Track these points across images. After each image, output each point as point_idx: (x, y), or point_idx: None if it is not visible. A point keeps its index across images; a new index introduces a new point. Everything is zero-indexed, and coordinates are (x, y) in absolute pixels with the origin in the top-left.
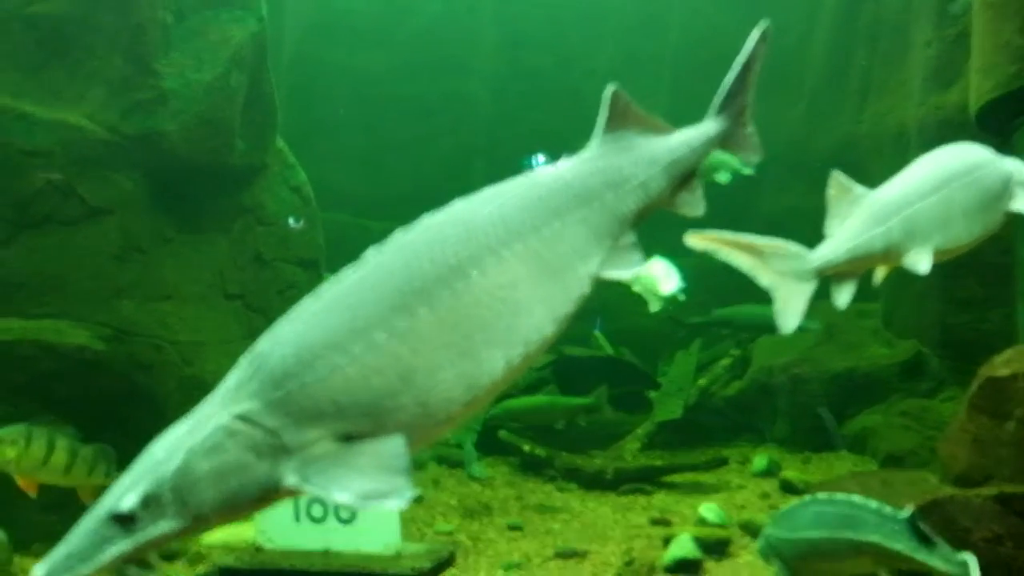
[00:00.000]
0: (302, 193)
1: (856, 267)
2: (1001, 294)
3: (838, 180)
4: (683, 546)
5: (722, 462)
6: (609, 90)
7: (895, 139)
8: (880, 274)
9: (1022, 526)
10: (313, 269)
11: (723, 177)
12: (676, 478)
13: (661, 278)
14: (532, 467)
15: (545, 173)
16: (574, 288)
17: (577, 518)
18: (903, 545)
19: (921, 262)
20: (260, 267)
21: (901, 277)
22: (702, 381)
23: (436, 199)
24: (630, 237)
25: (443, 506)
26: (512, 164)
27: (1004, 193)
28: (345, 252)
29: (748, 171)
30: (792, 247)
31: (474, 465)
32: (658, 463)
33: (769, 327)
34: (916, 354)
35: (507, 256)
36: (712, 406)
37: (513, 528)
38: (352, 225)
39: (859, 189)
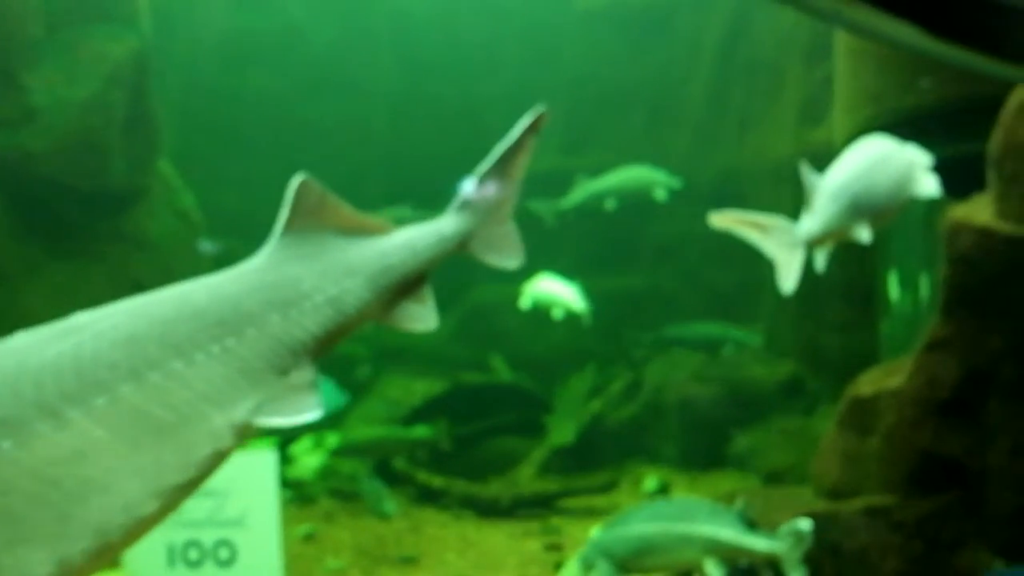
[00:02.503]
0: (188, 218)
1: (829, 237)
2: (866, 317)
3: (805, 172)
4: (573, 570)
5: (614, 484)
6: (295, 181)
7: (772, 171)
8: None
9: (887, 537)
10: None
11: (660, 195)
12: (570, 502)
13: (560, 292)
14: (428, 497)
15: (177, 292)
16: (201, 446)
17: (472, 547)
18: (730, 532)
19: (864, 233)
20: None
21: (780, 302)
22: (595, 405)
23: None
24: (307, 373)
25: (334, 542)
26: (411, 187)
27: (909, 175)
28: None
29: (677, 186)
30: (785, 223)
31: (385, 502)
32: (552, 488)
33: (715, 344)
34: (793, 374)
35: (74, 417)
36: (605, 429)
37: (407, 561)
38: (246, 249)
39: (816, 178)
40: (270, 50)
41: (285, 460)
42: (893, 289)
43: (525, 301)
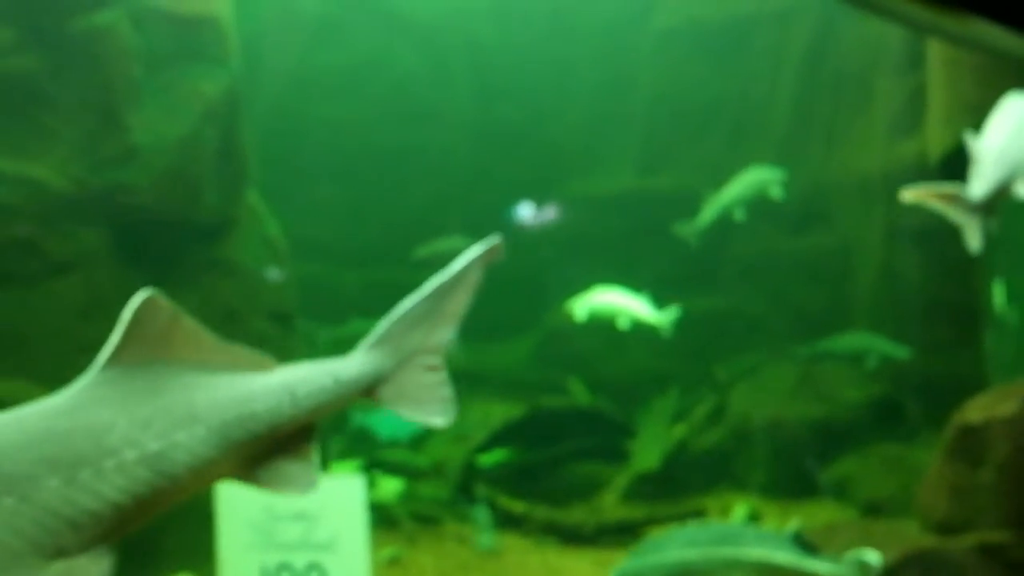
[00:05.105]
0: (275, 246)
1: (998, 197)
2: (969, 336)
3: (969, 139)
4: None
5: (701, 513)
6: (135, 300)
7: (861, 186)
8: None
9: None
10: (286, 323)
11: (777, 192)
12: (656, 530)
13: (622, 303)
14: (510, 521)
15: None
16: None
17: (556, 574)
18: (787, 556)
19: None
20: (232, 322)
21: (874, 322)
22: (680, 429)
23: (411, 248)
24: (97, 559)
25: (418, 566)
26: (489, 213)
27: None
28: (320, 304)
29: (785, 178)
30: (959, 189)
31: (486, 534)
32: (637, 515)
33: (859, 355)
34: (889, 397)
35: None
36: (691, 455)
37: None
38: (328, 276)
39: (978, 143)
40: (348, 82)
41: (368, 483)
42: (999, 303)
43: (580, 313)
